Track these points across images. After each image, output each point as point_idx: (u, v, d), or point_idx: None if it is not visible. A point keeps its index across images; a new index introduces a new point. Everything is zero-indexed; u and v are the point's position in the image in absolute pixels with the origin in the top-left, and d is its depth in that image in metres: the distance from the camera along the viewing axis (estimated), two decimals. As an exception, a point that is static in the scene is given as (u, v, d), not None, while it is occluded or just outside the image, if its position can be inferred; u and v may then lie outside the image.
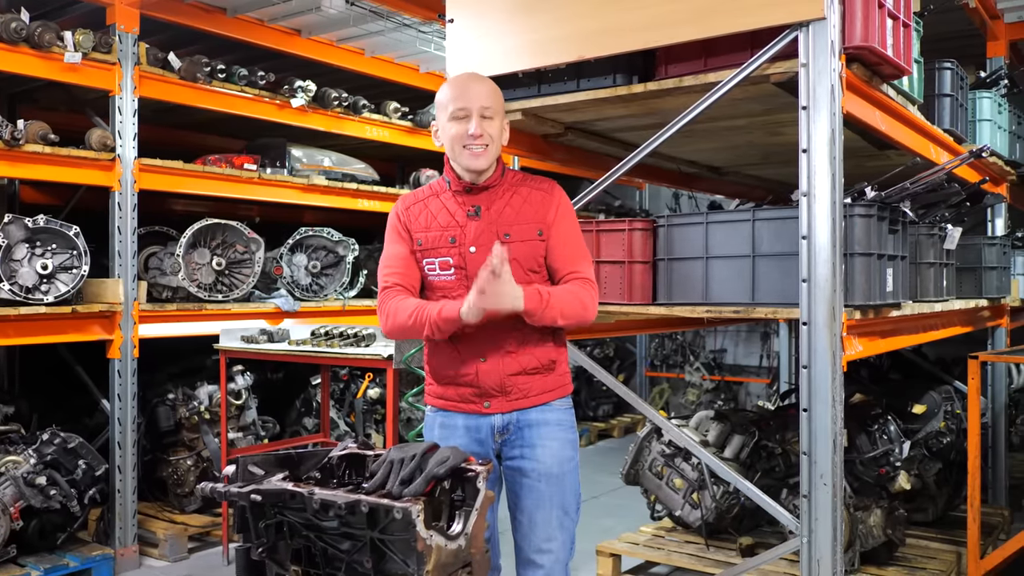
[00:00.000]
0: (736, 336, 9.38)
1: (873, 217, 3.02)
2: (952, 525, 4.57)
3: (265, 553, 2.18)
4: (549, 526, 2.48)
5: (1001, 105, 4.81)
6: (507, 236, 2.44)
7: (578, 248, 2.54)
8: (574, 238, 2.54)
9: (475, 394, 2.48)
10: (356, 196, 5.85)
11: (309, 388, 5.97)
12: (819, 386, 2.75)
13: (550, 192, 2.54)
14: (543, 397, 2.51)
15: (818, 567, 2.76)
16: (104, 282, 4.54)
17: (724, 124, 3.66)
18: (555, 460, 2.49)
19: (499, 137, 2.48)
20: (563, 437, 2.53)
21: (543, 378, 2.51)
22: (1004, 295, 4.83)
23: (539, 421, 2.50)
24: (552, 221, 2.49)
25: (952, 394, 4.68)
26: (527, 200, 2.50)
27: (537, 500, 2.48)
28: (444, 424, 2.54)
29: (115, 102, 4.53)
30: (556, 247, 2.50)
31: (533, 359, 2.48)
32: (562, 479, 2.50)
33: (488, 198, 2.49)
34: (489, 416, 2.49)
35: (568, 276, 2.49)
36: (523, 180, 2.56)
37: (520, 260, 2.44)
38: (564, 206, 2.54)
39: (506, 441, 2.51)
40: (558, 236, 2.50)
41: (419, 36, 5.45)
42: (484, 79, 2.54)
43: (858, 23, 2.77)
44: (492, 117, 2.45)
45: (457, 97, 2.44)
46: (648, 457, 4.50)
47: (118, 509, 4.56)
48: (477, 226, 2.46)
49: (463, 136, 2.42)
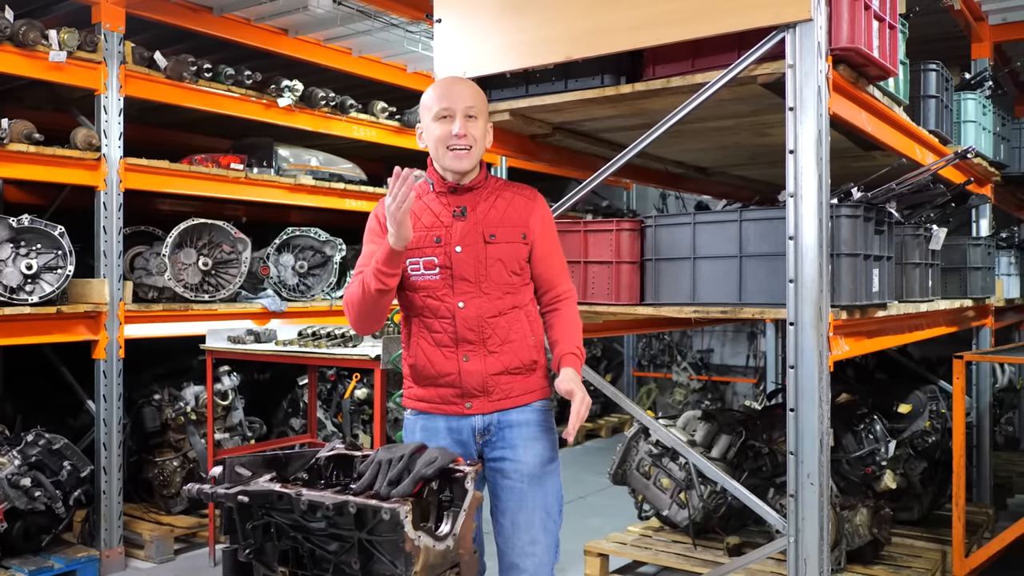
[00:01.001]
0: (723, 336, 9.41)
1: (859, 218, 3.04)
2: (937, 524, 4.60)
3: (252, 554, 2.17)
4: (532, 528, 2.46)
5: (986, 106, 4.85)
6: (492, 237, 2.47)
7: (561, 258, 2.64)
8: (557, 248, 2.63)
9: (457, 395, 2.47)
10: (343, 196, 5.83)
11: (296, 389, 5.96)
12: (806, 386, 2.76)
13: (532, 199, 2.58)
14: (525, 398, 2.52)
15: (805, 566, 2.77)
16: (89, 282, 4.51)
17: (711, 125, 3.67)
18: (537, 461, 2.49)
19: (482, 139, 2.49)
20: (545, 438, 2.53)
21: (525, 379, 2.52)
22: (988, 295, 4.87)
23: (520, 422, 2.50)
24: (537, 230, 2.54)
25: (937, 394, 4.71)
26: (511, 204, 2.53)
27: (519, 501, 2.47)
28: (425, 427, 2.53)
29: (100, 101, 4.50)
30: (543, 258, 2.56)
31: (516, 359, 2.48)
32: (544, 480, 2.50)
33: (473, 199, 2.50)
34: (470, 417, 2.48)
35: (558, 292, 2.59)
36: (505, 185, 2.60)
37: (505, 261, 2.47)
38: (547, 215, 2.60)
39: (487, 442, 2.50)
40: (543, 247, 2.56)
41: (407, 36, 5.44)
42: (468, 81, 2.58)
43: (844, 25, 2.78)
44: (476, 117, 2.47)
45: (441, 97, 2.46)
46: (635, 457, 4.51)
47: (103, 510, 4.53)
48: (463, 226, 2.47)
49: (447, 137, 2.43)
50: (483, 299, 2.45)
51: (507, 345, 2.47)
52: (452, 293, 2.45)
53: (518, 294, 2.51)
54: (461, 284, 2.45)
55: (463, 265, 2.44)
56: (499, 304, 2.46)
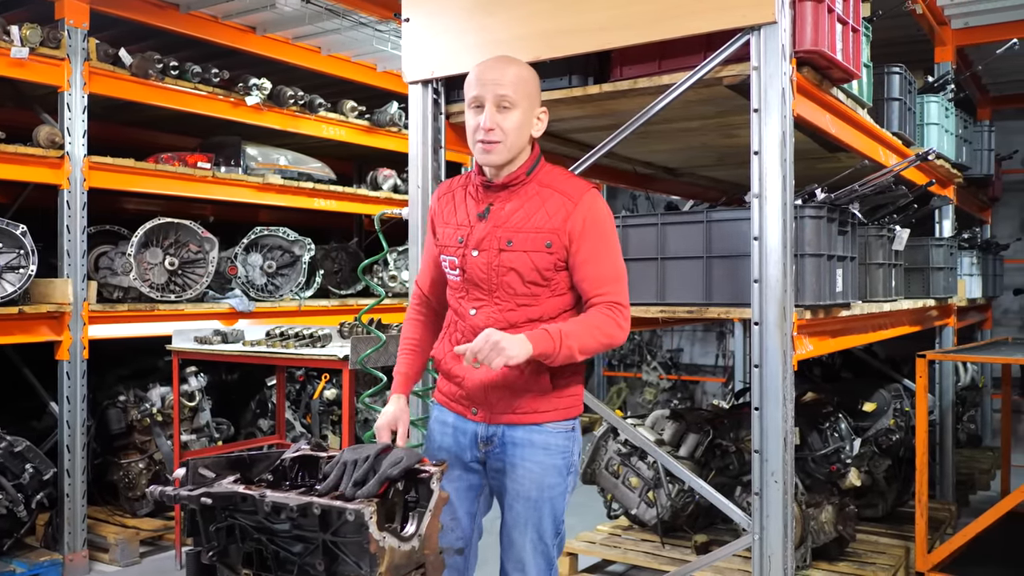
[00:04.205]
0: (693, 336, 9.48)
1: (823, 219, 3.08)
2: (901, 520, 4.67)
3: (216, 557, 2.14)
4: (523, 549, 2.38)
5: (948, 109, 4.92)
6: (509, 244, 2.25)
7: (605, 266, 2.27)
8: (601, 255, 2.26)
9: (463, 396, 2.38)
10: (313, 195, 5.80)
11: (265, 389, 5.91)
12: (770, 385, 2.78)
13: (575, 199, 2.25)
14: (533, 416, 2.32)
15: (769, 563, 2.79)
16: (52, 282, 4.44)
17: (679, 126, 3.69)
18: (534, 485, 2.33)
19: (518, 129, 2.24)
20: (547, 462, 2.34)
21: (535, 397, 2.31)
22: (951, 295, 4.94)
23: (524, 441, 2.33)
24: (575, 236, 2.24)
25: (902, 392, 4.78)
26: (544, 206, 2.26)
27: (513, 520, 2.39)
28: (437, 418, 2.47)
29: (64, 98, 4.44)
30: (581, 266, 2.26)
31: (521, 376, 2.28)
32: (540, 504, 2.34)
33: (504, 198, 2.30)
34: (475, 423, 2.38)
35: (594, 299, 2.26)
36: (555, 180, 2.31)
37: (520, 271, 2.25)
38: (592, 216, 2.26)
39: (490, 453, 2.39)
40: (583, 254, 2.25)
41: (376, 35, 5.42)
42: (509, 64, 2.28)
43: (808, 28, 2.82)
44: (511, 107, 2.22)
45: (473, 84, 2.26)
46: (605, 456, 4.53)
47: (67, 514, 4.46)
48: (482, 228, 2.29)
49: (476, 129, 2.24)
50: (494, 309, 2.29)
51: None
52: (467, 298, 2.33)
53: (537, 307, 2.28)
54: (474, 290, 2.31)
55: (476, 271, 2.29)
56: (511, 316, 2.27)
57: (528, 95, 2.27)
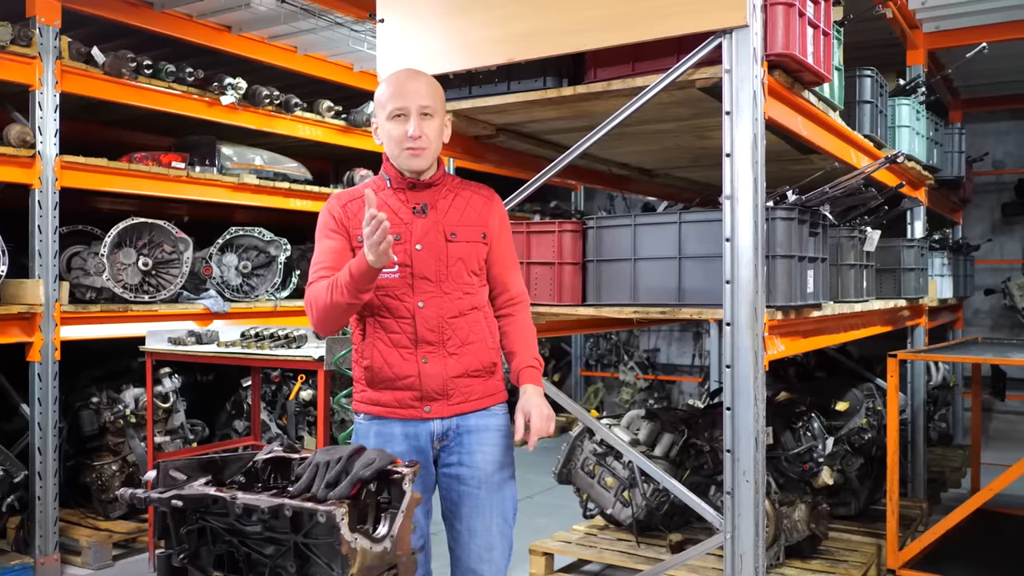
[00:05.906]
0: (669, 336, 9.53)
1: (794, 220, 3.11)
2: (873, 518, 4.72)
3: (187, 559, 2.13)
4: (489, 534, 2.44)
5: (919, 112, 4.98)
6: (454, 236, 2.43)
7: (515, 260, 2.62)
8: (512, 250, 2.61)
9: (415, 398, 2.41)
10: (288, 195, 5.77)
11: (240, 390, 5.87)
12: (742, 385, 2.81)
13: (490, 198, 2.56)
14: (484, 402, 2.49)
15: (741, 562, 2.82)
16: (23, 283, 4.39)
17: (653, 128, 3.71)
18: (495, 467, 2.46)
19: (438, 136, 2.44)
20: (503, 444, 2.50)
21: (484, 381, 2.48)
22: (922, 295, 5.00)
23: (479, 427, 2.47)
24: (496, 230, 2.52)
25: (874, 391, 4.83)
26: (469, 203, 2.50)
27: (476, 508, 2.44)
28: (380, 432, 2.45)
29: (35, 97, 4.39)
30: (498, 259, 2.54)
31: (476, 361, 2.45)
32: (502, 487, 2.48)
33: (432, 196, 2.46)
34: (428, 421, 2.43)
35: (512, 296, 2.57)
36: (463, 183, 2.56)
37: (465, 261, 2.44)
38: (504, 215, 2.59)
39: (444, 447, 2.46)
40: (500, 248, 2.54)
41: (352, 35, 5.41)
42: (422, 76, 2.47)
43: (779, 31, 2.84)
44: (431, 115, 2.40)
45: (394, 96, 2.39)
46: (580, 456, 4.54)
47: (38, 516, 4.42)
48: (423, 224, 2.42)
49: (403, 137, 2.37)
50: (443, 299, 2.41)
51: (467, 347, 2.43)
52: (412, 292, 2.40)
53: (476, 295, 2.48)
54: (421, 283, 2.40)
55: (424, 263, 2.39)
56: (459, 304, 2.43)
57: (442, 104, 2.48)
